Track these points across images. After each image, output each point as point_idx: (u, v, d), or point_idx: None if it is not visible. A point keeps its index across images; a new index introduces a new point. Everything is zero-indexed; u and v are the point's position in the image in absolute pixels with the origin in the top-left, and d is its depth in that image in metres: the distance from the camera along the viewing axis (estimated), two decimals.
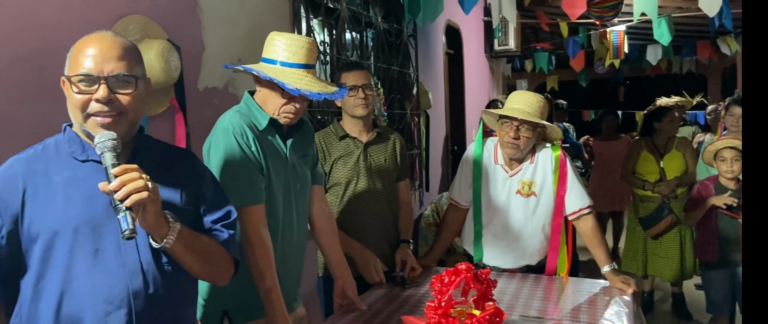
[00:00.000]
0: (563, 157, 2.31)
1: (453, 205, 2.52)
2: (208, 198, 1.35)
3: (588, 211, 2.29)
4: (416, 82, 4.82)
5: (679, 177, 3.94)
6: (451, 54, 6.32)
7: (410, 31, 4.75)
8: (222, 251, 1.33)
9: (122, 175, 1.11)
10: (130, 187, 1.10)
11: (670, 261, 3.93)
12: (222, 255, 1.33)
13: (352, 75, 2.29)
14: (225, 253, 1.34)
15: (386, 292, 2.14)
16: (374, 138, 2.37)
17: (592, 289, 2.15)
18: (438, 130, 5.65)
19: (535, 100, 2.28)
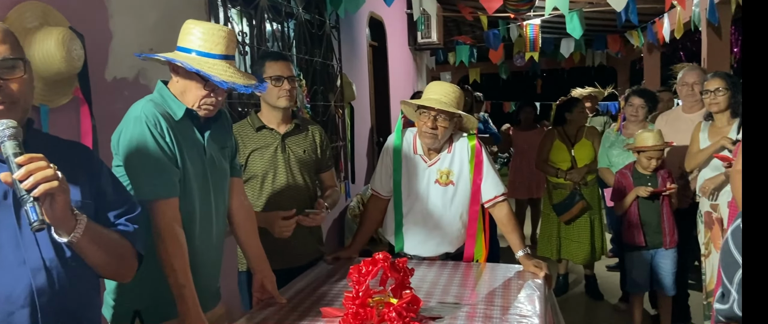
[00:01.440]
0: (479, 146, 2.37)
1: (374, 195, 2.54)
2: (108, 192, 1.29)
3: (502, 199, 2.37)
4: (340, 74, 4.80)
5: (588, 164, 4.16)
6: (375, 46, 6.34)
7: (333, 22, 4.72)
8: (127, 246, 1.29)
9: (28, 165, 1.05)
10: (39, 177, 1.04)
11: (582, 245, 4.15)
12: (127, 250, 1.29)
13: (276, 65, 2.26)
14: (130, 247, 1.29)
15: (307, 285, 2.13)
16: (292, 129, 2.35)
17: (507, 273, 2.23)
18: (363, 122, 5.67)
19: (451, 91, 2.33)
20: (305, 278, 2.21)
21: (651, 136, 3.29)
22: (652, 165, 3.30)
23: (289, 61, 2.33)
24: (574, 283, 4.57)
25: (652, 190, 3.25)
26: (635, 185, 3.33)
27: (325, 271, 2.32)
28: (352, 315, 1.60)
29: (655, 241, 3.30)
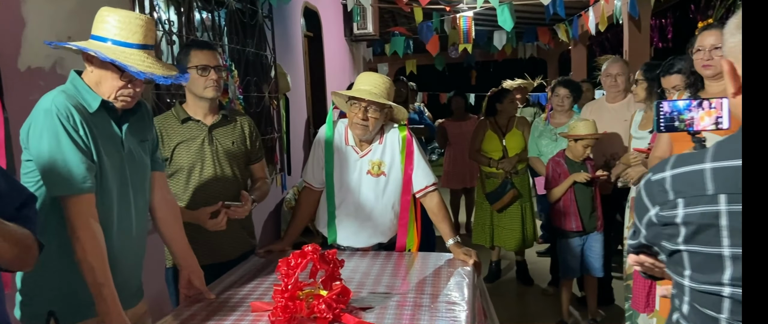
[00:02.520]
0: (409, 137, 2.40)
1: (307, 187, 2.53)
2: (3, 187, 1.23)
3: (433, 189, 2.41)
4: (274, 65, 4.73)
5: (519, 154, 4.28)
6: (310, 37, 6.28)
7: (265, 11, 4.64)
8: (30, 236, 1.23)
9: None
10: None
11: (514, 232, 4.27)
12: (31, 240, 1.23)
13: (202, 54, 2.20)
14: (33, 238, 1.24)
15: (237, 279, 2.10)
16: (220, 120, 2.30)
17: (437, 262, 2.27)
18: (299, 113, 5.61)
19: (381, 82, 2.34)
20: (236, 273, 2.18)
21: (586, 125, 3.41)
22: (586, 153, 3.43)
23: (215, 50, 2.27)
24: (507, 270, 4.71)
25: (590, 176, 3.38)
26: (570, 172, 3.45)
27: (257, 264, 2.29)
28: (281, 308, 1.58)
29: (591, 225, 3.44)
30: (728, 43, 0.98)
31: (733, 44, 0.96)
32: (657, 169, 1.01)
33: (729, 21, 1.00)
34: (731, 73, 0.97)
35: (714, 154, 0.94)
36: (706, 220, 0.92)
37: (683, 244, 0.96)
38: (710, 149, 0.96)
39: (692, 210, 0.93)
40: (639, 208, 1.04)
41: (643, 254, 1.16)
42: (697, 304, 0.98)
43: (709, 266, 0.93)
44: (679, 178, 0.96)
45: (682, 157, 0.98)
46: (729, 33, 0.98)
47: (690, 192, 0.94)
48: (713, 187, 0.91)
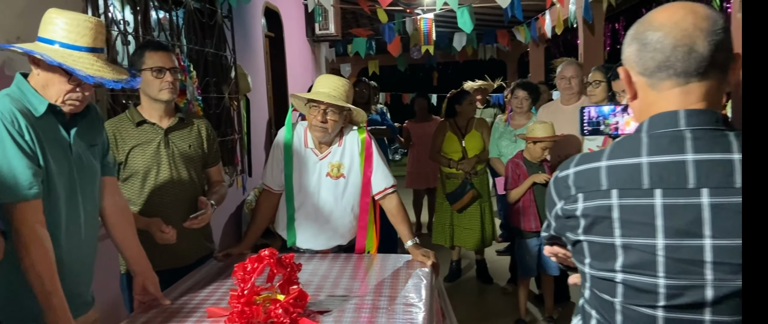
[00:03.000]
0: (368, 139, 2.41)
1: (266, 190, 2.52)
2: None
3: (392, 190, 2.43)
4: (234, 65, 4.68)
5: (478, 155, 4.34)
6: (271, 37, 6.23)
7: (225, 12, 4.58)
8: None
9: None
10: None
11: (473, 232, 4.33)
12: None
13: (157, 56, 2.17)
14: None
15: (194, 284, 2.08)
16: (176, 123, 2.27)
17: (396, 264, 2.29)
18: (260, 114, 5.56)
19: (340, 84, 2.35)
20: (193, 277, 2.16)
21: (544, 127, 3.48)
22: (544, 155, 3.50)
23: (170, 51, 2.24)
24: (467, 269, 4.77)
25: (549, 177, 3.44)
26: (528, 173, 3.52)
27: (215, 269, 2.27)
28: (237, 314, 1.58)
29: None
30: (624, 53, 1.06)
31: (628, 54, 1.04)
32: (563, 167, 1.09)
33: (628, 32, 1.06)
34: (627, 80, 1.06)
35: (609, 153, 1.02)
36: (601, 212, 1.00)
37: (583, 235, 1.04)
38: (607, 149, 1.04)
39: (589, 204, 1.01)
40: (549, 203, 1.13)
41: (556, 245, 1.26)
42: (596, 289, 1.06)
43: (604, 255, 1.02)
44: (580, 174, 1.04)
45: (585, 156, 1.07)
46: (626, 43, 1.05)
47: (588, 187, 1.02)
48: (607, 182, 1.00)
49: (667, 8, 1.01)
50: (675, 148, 0.97)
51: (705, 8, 0.99)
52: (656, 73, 1.00)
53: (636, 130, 1.04)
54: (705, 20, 0.97)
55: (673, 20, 0.98)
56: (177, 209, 2.22)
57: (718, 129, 0.98)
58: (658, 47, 0.98)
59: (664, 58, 0.98)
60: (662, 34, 0.98)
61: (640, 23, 1.03)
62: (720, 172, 0.94)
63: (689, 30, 0.96)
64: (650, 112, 1.02)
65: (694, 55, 0.96)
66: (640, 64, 1.01)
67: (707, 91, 0.99)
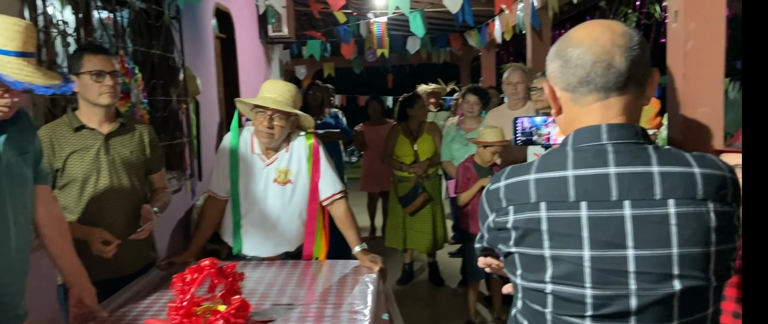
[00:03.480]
0: (316, 144, 2.41)
1: (211, 196, 2.48)
2: None
3: (340, 196, 2.43)
4: (182, 67, 4.58)
5: (430, 158, 4.39)
6: (222, 38, 6.13)
7: (173, 12, 4.49)
8: None
9: None
10: None
11: (425, 234, 4.37)
12: None
13: (96, 59, 2.10)
14: None
15: (134, 294, 2.03)
16: (117, 129, 2.21)
17: (344, 270, 2.29)
18: (211, 117, 5.46)
19: (286, 90, 2.34)
20: (133, 288, 2.10)
21: (494, 132, 3.54)
22: (493, 159, 3.55)
23: (110, 54, 2.18)
24: (419, 271, 4.81)
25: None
26: (478, 177, 3.56)
27: (157, 278, 2.22)
28: None
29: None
30: (548, 69, 1.09)
31: (551, 70, 1.07)
32: (495, 180, 1.11)
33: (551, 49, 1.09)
34: (551, 95, 1.09)
35: (538, 166, 1.05)
36: (531, 225, 1.02)
37: (514, 247, 1.06)
38: (535, 162, 1.06)
39: (520, 216, 1.03)
40: (481, 215, 1.14)
41: (490, 256, 1.28)
42: (528, 300, 1.08)
43: (534, 266, 1.04)
44: (510, 187, 1.06)
45: (514, 169, 1.09)
46: (549, 60, 1.08)
47: (517, 200, 1.04)
48: (535, 195, 1.02)
49: (586, 26, 1.05)
50: (598, 162, 1.00)
51: (622, 26, 1.03)
52: (578, 88, 1.03)
53: (562, 143, 1.07)
54: (622, 37, 1.01)
55: (591, 37, 1.01)
56: (117, 218, 2.16)
57: (638, 142, 1.01)
58: (579, 63, 1.01)
59: (585, 74, 1.01)
60: (582, 51, 1.01)
61: (562, 40, 1.06)
62: (640, 185, 0.97)
63: (607, 46, 1.00)
64: (574, 125, 1.06)
65: (612, 70, 1.00)
66: (563, 79, 1.05)
67: (626, 105, 1.02)
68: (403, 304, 4.20)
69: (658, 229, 0.96)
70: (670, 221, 0.97)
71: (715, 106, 2.80)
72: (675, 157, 1.01)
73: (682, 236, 0.96)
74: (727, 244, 0.99)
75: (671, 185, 0.98)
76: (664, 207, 0.97)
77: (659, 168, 0.98)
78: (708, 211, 0.97)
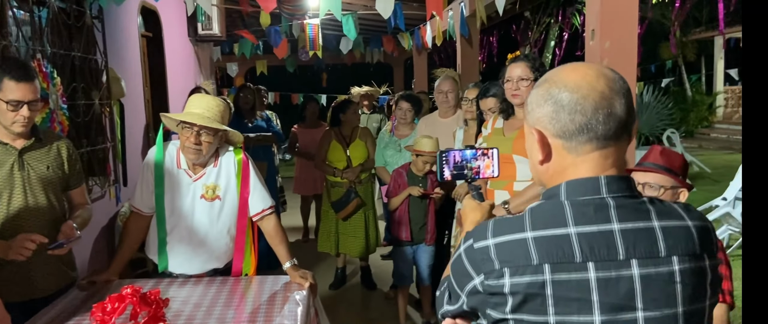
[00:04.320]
0: (245, 159, 2.39)
1: (135, 212, 2.42)
2: None
3: (270, 212, 2.42)
4: (105, 69, 4.41)
5: (363, 164, 4.43)
6: (149, 37, 5.94)
7: (95, 11, 4.30)
8: None
9: None
10: None
11: (358, 239, 4.41)
12: None
13: (18, 89, 1.96)
14: None
15: (54, 317, 1.95)
16: (33, 144, 2.11)
17: (274, 287, 2.29)
18: (136, 119, 5.28)
19: (214, 105, 2.30)
20: (52, 310, 2.02)
21: (429, 143, 3.61)
22: (426, 168, 3.62)
23: (35, 81, 2.02)
24: (352, 275, 4.84)
25: (423, 192, 3.57)
26: (409, 185, 3.63)
27: (78, 299, 2.15)
28: None
29: (419, 237, 3.66)
30: (535, 113, 1.00)
31: (541, 115, 0.99)
32: (478, 237, 0.99)
33: (533, 92, 1.02)
34: (541, 142, 1.00)
35: (532, 222, 0.95)
36: (533, 289, 0.92)
37: (511, 314, 0.95)
38: (526, 217, 0.97)
39: (519, 280, 0.93)
40: (460, 275, 1.02)
41: (459, 318, 1.12)
42: None
43: None
44: (503, 247, 0.95)
45: (502, 225, 0.98)
46: (536, 103, 1.00)
47: (515, 261, 0.93)
48: (537, 256, 0.92)
49: (577, 69, 0.98)
50: (601, 218, 0.93)
51: (609, 69, 0.99)
52: (577, 136, 0.95)
53: (552, 194, 0.99)
54: (617, 82, 0.96)
55: (587, 82, 0.95)
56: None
57: (635, 196, 0.97)
58: (578, 109, 0.94)
59: (586, 121, 0.94)
60: (580, 96, 0.94)
61: (552, 83, 0.98)
62: (645, 242, 0.93)
63: (606, 92, 0.94)
64: (567, 175, 0.98)
65: (613, 117, 0.94)
66: (557, 126, 0.96)
67: (620, 155, 0.98)
68: (335, 309, 4.24)
69: (665, 288, 0.92)
70: (675, 279, 0.93)
71: None
72: (668, 211, 0.97)
73: (685, 294, 0.93)
74: (715, 298, 0.97)
75: (674, 241, 0.94)
76: (669, 264, 0.93)
77: (659, 223, 0.95)
78: (705, 267, 0.95)
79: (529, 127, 1.03)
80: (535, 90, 1.01)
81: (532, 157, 1.04)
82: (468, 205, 1.40)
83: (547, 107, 0.97)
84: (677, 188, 1.97)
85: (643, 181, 1.98)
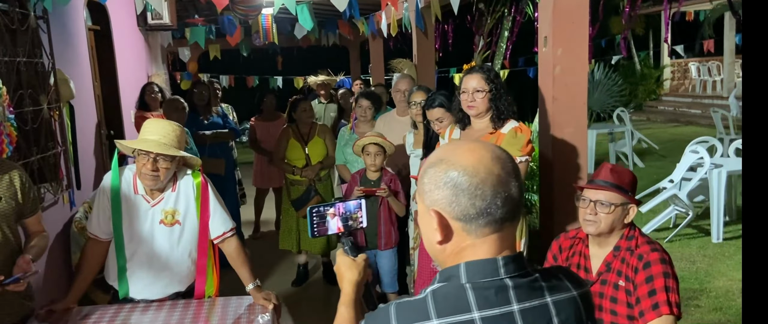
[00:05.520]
0: (204, 183, 2.39)
1: (92, 239, 2.40)
2: None
3: (231, 234, 2.44)
4: (53, 71, 4.26)
5: (322, 161, 4.45)
6: (97, 30, 5.74)
7: (39, 12, 4.14)
8: None
9: None
10: None
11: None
12: None
13: None
14: None
15: None
16: None
17: (238, 310, 2.32)
18: (87, 118, 5.14)
19: (170, 130, 2.29)
20: None
21: (367, 138, 3.61)
22: (375, 163, 3.59)
23: None
24: (313, 270, 4.91)
25: (364, 190, 3.53)
26: (361, 185, 3.63)
27: None
28: None
29: (372, 243, 3.67)
30: (433, 195, 0.99)
31: (440, 197, 0.99)
32: (383, 321, 0.98)
33: (430, 171, 1.00)
34: (441, 224, 0.99)
35: (437, 308, 0.95)
36: None
37: None
38: (429, 302, 0.96)
39: None
40: None
41: None
42: None
43: None
44: None
45: (406, 310, 0.98)
46: (434, 185, 0.99)
47: None
48: None
49: (473, 151, 0.99)
50: (502, 300, 0.96)
51: (500, 149, 1.02)
52: (476, 219, 0.97)
53: (451, 275, 1.00)
54: (508, 163, 0.99)
55: (485, 165, 0.97)
56: None
57: (528, 272, 1.00)
58: (478, 194, 0.96)
59: (485, 206, 0.96)
60: (479, 180, 0.96)
61: (450, 165, 0.99)
62: (542, 320, 0.97)
63: (502, 176, 0.97)
64: (465, 255, 1.00)
65: (510, 200, 0.97)
66: (457, 209, 0.97)
67: (513, 233, 1.01)
68: (298, 306, 4.30)
69: None
70: None
71: (580, 127, 3.11)
72: (557, 285, 1.01)
73: None
74: None
75: (566, 316, 0.98)
76: None
77: (551, 298, 0.99)
78: None
79: (425, 208, 1.02)
80: (432, 170, 1.00)
81: (428, 237, 1.03)
82: (342, 262, 1.42)
83: (446, 190, 0.97)
84: (627, 204, 2.07)
85: (595, 199, 2.08)
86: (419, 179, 1.04)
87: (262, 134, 5.69)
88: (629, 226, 2.11)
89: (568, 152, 3.07)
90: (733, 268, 4.52)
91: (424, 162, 1.02)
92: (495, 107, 2.68)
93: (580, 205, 2.13)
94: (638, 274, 2.00)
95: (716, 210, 5.11)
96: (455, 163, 0.98)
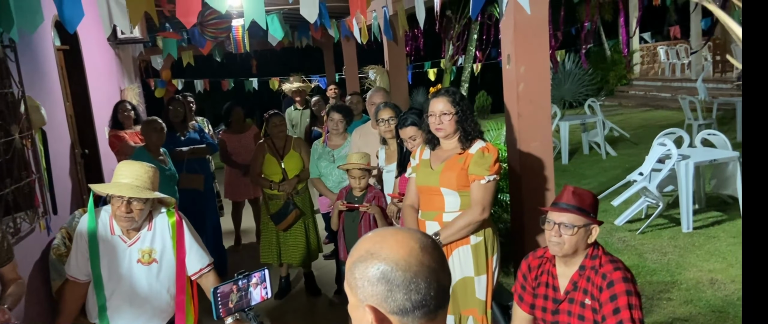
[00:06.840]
0: (179, 220, 2.44)
1: (71, 281, 2.44)
2: None
3: (208, 270, 2.49)
4: (23, 98, 4.24)
5: (298, 174, 4.50)
6: (66, 50, 5.70)
7: (6, 40, 4.11)
8: None
9: None
10: None
11: (299, 248, 4.53)
12: None
13: None
14: None
15: None
16: None
17: None
18: (60, 141, 5.11)
19: (143, 172, 2.33)
20: None
21: (359, 156, 3.67)
22: (361, 183, 3.67)
23: None
24: (295, 281, 4.97)
25: (346, 205, 3.64)
26: (346, 201, 3.69)
27: None
28: None
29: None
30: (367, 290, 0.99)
31: (374, 293, 0.98)
32: None
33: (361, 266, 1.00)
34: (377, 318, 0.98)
35: None
36: None
37: None
38: None
39: None
40: None
41: None
42: None
43: None
44: None
45: None
46: (367, 281, 0.99)
47: None
48: None
49: (401, 244, 1.00)
50: None
51: (425, 237, 1.03)
52: (412, 312, 0.97)
53: None
54: (436, 251, 1.01)
55: (415, 257, 0.98)
56: None
57: None
58: (412, 288, 0.96)
59: (421, 299, 0.97)
60: (412, 275, 0.97)
61: (381, 260, 0.99)
62: None
63: (433, 266, 0.98)
64: None
65: (441, 289, 0.99)
66: (393, 305, 0.97)
67: (445, 320, 1.03)
68: (282, 318, 4.36)
69: None
70: None
71: (545, 141, 3.22)
72: None
73: None
74: None
75: None
76: None
77: None
78: None
79: (359, 302, 1.00)
80: (362, 265, 1.00)
81: None
82: None
83: (380, 286, 0.97)
84: (589, 225, 2.17)
85: (559, 221, 2.17)
86: (348, 271, 1.03)
87: (233, 147, 5.64)
88: (593, 246, 2.21)
89: (535, 165, 3.17)
90: (702, 258, 4.68)
91: (352, 253, 1.04)
92: (462, 128, 2.75)
93: (546, 227, 2.22)
94: (603, 292, 2.11)
95: (685, 201, 5.26)
96: (386, 258, 0.98)
